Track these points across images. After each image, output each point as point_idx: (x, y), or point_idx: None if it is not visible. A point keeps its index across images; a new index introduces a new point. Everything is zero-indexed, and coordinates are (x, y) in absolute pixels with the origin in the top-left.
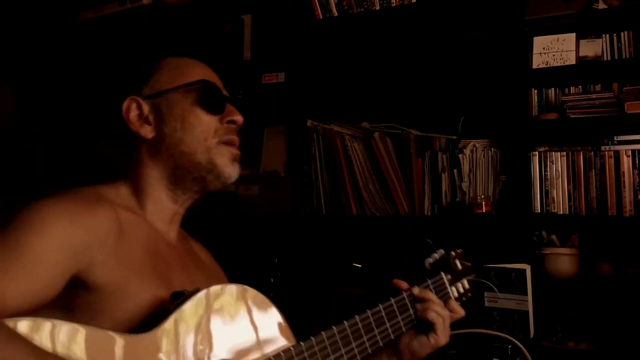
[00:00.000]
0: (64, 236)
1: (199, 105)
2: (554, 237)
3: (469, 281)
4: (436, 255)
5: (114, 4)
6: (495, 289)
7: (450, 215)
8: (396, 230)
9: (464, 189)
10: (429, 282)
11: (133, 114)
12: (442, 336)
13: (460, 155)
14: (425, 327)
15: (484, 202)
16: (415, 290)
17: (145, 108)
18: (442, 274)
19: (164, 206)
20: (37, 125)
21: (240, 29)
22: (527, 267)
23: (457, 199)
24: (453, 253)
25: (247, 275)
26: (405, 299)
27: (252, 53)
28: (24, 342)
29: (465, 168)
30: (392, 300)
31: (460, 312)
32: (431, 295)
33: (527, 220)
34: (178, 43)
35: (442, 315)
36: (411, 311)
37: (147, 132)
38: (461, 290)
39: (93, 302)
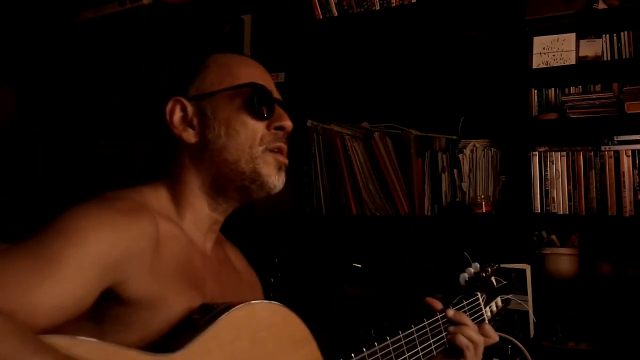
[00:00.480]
0: (103, 250)
1: (245, 110)
2: (554, 237)
3: (502, 299)
4: (472, 270)
5: (114, 4)
6: (525, 305)
7: (450, 215)
8: (396, 230)
9: (464, 189)
10: (465, 303)
11: (177, 116)
12: None
13: (460, 155)
14: (457, 351)
15: (484, 202)
16: (450, 312)
17: (190, 110)
18: (479, 294)
19: (203, 215)
20: (37, 125)
21: (240, 29)
22: (527, 267)
23: (457, 199)
24: (489, 269)
25: None
26: (439, 320)
27: (252, 53)
28: (53, 354)
29: (465, 168)
30: (426, 322)
31: (495, 337)
32: (466, 319)
33: (527, 220)
34: (178, 43)
35: (476, 341)
36: (444, 334)
37: (190, 136)
38: (494, 309)
39: (123, 315)
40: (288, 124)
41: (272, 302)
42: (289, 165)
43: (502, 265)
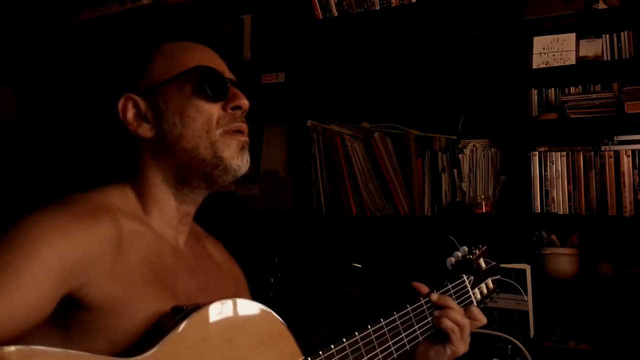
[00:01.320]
0: (57, 257)
1: (197, 95)
2: (554, 237)
3: (493, 280)
4: (459, 254)
5: (114, 4)
6: (522, 291)
7: (450, 215)
8: (396, 230)
9: (464, 189)
10: (450, 286)
11: (130, 113)
12: (459, 346)
13: (460, 155)
14: (443, 335)
15: (484, 202)
16: (434, 296)
17: (142, 105)
18: (464, 276)
19: (170, 208)
20: (37, 125)
21: (240, 29)
22: (527, 267)
23: (457, 199)
24: (477, 251)
25: (247, 275)
26: (423, 305)
27: (252, 53)
28: None
29: (465, 168)
30: (409, 308)
31: (482, 320)
32: (451, 302)
33: (527, 220)
34: None
35: (461, 324)
36: (429, 319)
37: (146, 131)
38: (485, 291)
39: (88, 321)
40: (244, 102)
41: (244, 299)
42: (289, 165)
43: (502, 265)
